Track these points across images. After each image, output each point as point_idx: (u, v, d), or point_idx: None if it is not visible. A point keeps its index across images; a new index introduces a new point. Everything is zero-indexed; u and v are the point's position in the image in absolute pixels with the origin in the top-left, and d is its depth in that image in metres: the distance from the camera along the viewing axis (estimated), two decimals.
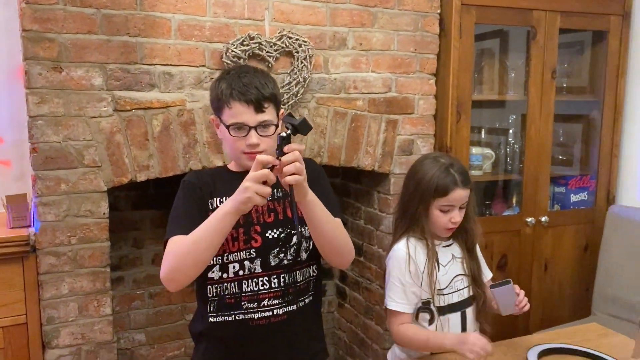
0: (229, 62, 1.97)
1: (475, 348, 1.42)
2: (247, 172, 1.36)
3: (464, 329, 1.67)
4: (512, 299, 1.56)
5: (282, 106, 1.57)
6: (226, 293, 1.39)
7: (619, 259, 2.50)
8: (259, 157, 1.20)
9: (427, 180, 1.57)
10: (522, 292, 1.58)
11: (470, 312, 1.69)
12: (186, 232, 1.31)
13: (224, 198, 1.39)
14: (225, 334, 1.41)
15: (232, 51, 1.96)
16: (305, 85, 2.09)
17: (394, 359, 1.76)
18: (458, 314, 1.66)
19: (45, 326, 1.85)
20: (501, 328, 1.78)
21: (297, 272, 1.43)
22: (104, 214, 1.89)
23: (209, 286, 1.41)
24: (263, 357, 1.40)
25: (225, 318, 1.40)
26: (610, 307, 2.49)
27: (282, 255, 1.40)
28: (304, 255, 1.43)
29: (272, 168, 1.21)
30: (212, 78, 1.98)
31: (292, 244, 1.41)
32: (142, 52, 1.88)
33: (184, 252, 1.28)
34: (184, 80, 1.95)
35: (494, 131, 2.81)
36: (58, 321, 1.86)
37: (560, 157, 2.85)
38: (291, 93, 2.07)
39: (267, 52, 2.02)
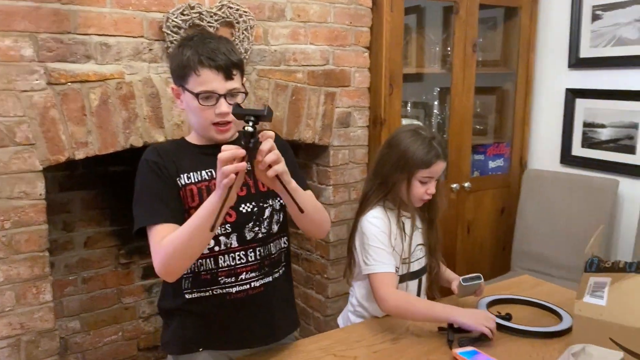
0: (169, 32, 1.89)
1: (491, 326, 1.44)
2: (212, 145, 1.34)
3: (418, 295, 1.75)
4: (474, 290, 1.69)
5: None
6: (202, 269, 1.37)
7: (533, 219, 2.74)
8: (222, 155, 1.13)
9: (412, 152, 1.60)
10: (483, 285, 1.70)
11: (424, 279, 1.77)
12: (162, 217, 1.28)
13: (192, 174, 1.35)
14: (203, 310, 1.38)
15: (172, 21, 1.89)
16: (247, 57, 2.06)
17: (346, 324, 1.78)
18: (416, 281, 1.74)
19: None
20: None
21: (271, 244, 1.43)
22: (40, 195, 1.76)
23: None
24: (242, 329, 1.40)
25: (202, 294, 1.38)
26: (527, 263, 2.73)
27: (257, 228, 1.39)
28: (275, 228, 1.43)
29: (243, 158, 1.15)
30: (151, 49, 1.90)
31: (265, 217, 1.40)
32: (76, 21, 1.75)
33: (179, 249, 1.23)
34: (122, 51, 1.85)
35: (419, 104, 2.94)
36: None
37: (478, 127, 3.03)
38: None
39: (208, 22, 1.97)
